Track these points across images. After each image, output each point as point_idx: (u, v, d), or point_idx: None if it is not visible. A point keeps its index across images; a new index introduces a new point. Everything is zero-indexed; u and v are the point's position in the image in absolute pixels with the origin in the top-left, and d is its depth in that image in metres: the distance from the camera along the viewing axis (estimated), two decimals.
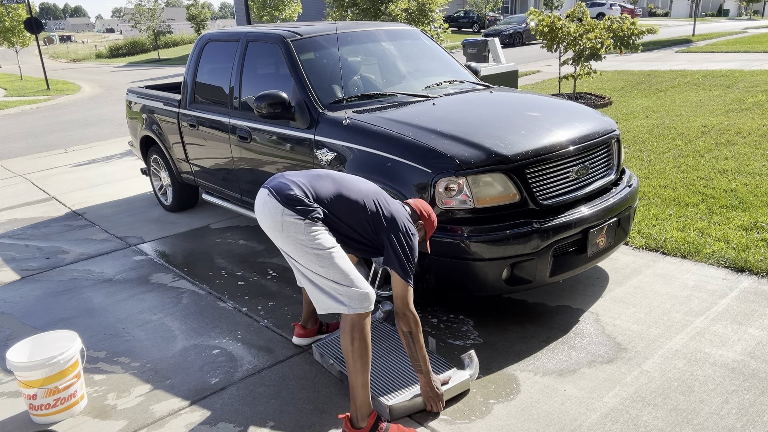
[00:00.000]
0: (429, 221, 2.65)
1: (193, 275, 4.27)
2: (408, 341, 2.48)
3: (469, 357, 2.79)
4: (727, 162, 5.93)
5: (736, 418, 2.47)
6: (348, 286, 2.35)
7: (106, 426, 2.69)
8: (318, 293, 2.40)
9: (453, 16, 38.06)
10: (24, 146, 9.95)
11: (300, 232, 2.34)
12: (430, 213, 2.66)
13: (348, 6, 13.63)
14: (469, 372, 2.75)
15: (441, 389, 2.61)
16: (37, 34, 20.00)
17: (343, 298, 2.36)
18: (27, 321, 3.74)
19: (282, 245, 2.41)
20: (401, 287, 2.43)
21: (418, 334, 2.48)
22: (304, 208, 2.35)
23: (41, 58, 21.12)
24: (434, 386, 2.58)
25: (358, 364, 2.38)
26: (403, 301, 2.44)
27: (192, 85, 4.90)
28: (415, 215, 2.62)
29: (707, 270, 3.81)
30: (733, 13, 55.95)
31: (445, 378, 2.68)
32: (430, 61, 4.58)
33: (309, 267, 2.37)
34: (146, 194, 6.50)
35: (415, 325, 2.47)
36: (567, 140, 3.24)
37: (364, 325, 2.38)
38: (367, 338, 2.39)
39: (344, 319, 2.40)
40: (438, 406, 2.60)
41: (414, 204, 2.65)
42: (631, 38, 9.57)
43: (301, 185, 2.42)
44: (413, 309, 2.46)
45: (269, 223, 2.39)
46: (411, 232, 2.47)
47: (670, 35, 24.63)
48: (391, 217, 2.46)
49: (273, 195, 2.39)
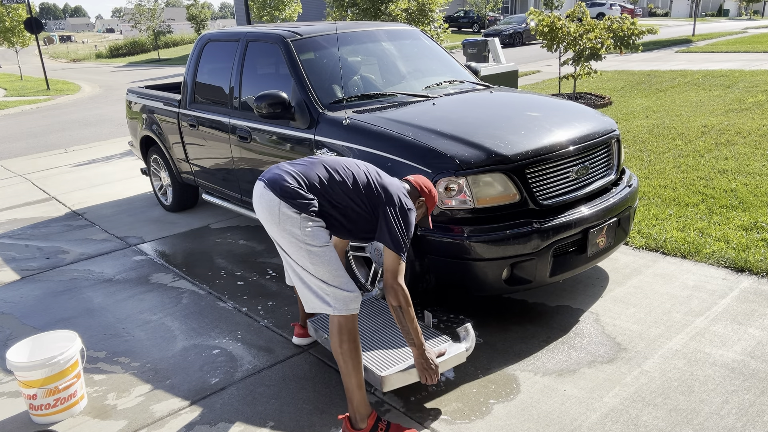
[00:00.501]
0: (430, 197, 2.62)
1: (193, 275, 4.27)
2: (398, 315, 2.42)
3: (465, 330, 2.77)
4: (727, 162, 5.93)
5: (736, 418, 2.47)
6: (335, 286, 2.35)
7: (106, 426, 2.69)
8: (306, 292, 2.40)
9: (453, 16, 38.06)
10: (24, 146, 9.95)
11: (296, 226, 2.34)
12: (431, 188, 2.62)
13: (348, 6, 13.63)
14: (465, 345, 2.72)
15: (436, 361, 2.56)
16: (37, 34, 20.00)
17: (329, 298, 2.35)
18: (27, 321, 3.74)
19: (277, 237, 2.41)
20: (391, 260, 2.38)
21: (407, 308, 2.41)
22: (301, 202, 2.34)
23: (41, 58, 21.12)
24: (428, 358, 2.53)
25: (350, 365, 2.38)
26: (393, 273, 2.37)
27: (192, 85, 4.90)
28: (416, 191, 2.60)
29: (707, 270, 3.81)
30: (733, 13, 55.95)
31: (441, 350, 2.65)
32: (430, 61, 4.58)
33: (300, 263, 2.37)
34: (146, 194, 6.50)
35: (404, 299, 2.40)
36: (567, 140, 3.24)
37: (352, 326, 2.38)
38: (356, 339, 2.39)
39: (331, 321, 2.40)
40: (432, 378, 2.54)
41: (414, 180, 2.62)
42: (631, 38, 9.57)
43: (294, 175, 2.40)
44: (402, 283, 2.40)
45: (266, 215, 2.40)
46: (407, 207, 2.43)
47: (670, 35, 24.63)
48: (386, 191, 2.42)
49: (269, 187, 2.39)
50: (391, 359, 2.67)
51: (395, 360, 2.66)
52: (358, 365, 2.40)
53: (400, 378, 2.56)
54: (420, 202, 2.61)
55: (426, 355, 2.53)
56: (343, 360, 2.39)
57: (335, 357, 2.41)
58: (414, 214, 2.47)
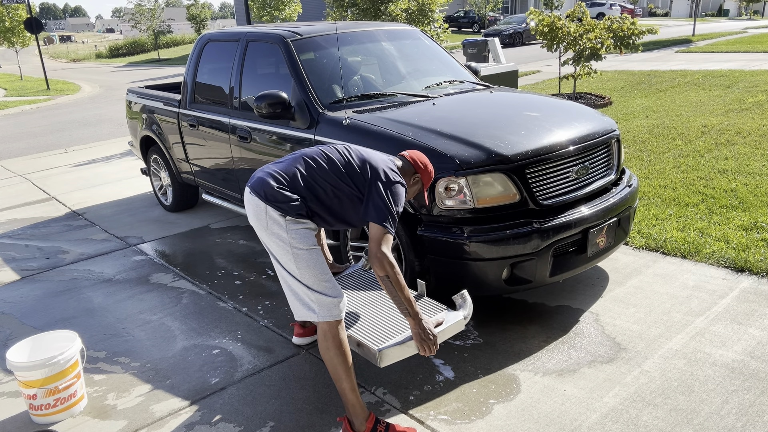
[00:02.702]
0: (426, 171, 2.56)
1: (193, 275, 4.27)
2: (387, 285, 2.30)
3: (461, 297, 2.69)
4: (727, 162, 5.93)
5: (736, 418, 2.47)
6: (319, 292, 2.34)
7: (106, 426, 2.69)
8: (293, 298, 2.41)
9: (453, 16, 38.06)
10: (24, 146, 9.95)
11: (282, 230, 2.34)
12: (426, 163, 2.57)
13: (348, 6, 13.61)
14: (463, 313, 2.63)
15: (434, 331, 2.42)
16: (37, 34, 20.00)
17: (313, 305, 2.35)
18: (27, 321, 3.74)
19: (266, 242, 2.42)
20: (377, 230, 2.29)
21: (396, 276, 2.29)
22: (286, 205, 2.33)
23: (41, 58, 21.11)
24: (426, 328, 2.40)
25: (340, 370, 2.38)
26: (377, 242, 2.27)
27: (192, 85, 4.90)
28: (410, 167, 2.54)
29: (707, 270, 3.81)
30: (733, 13, 55.94)
31: (438, 320, 2.56)
32: (430, 61, 4.58)
33: (287, 267, 2.37)
34: (146, 194, 6.50)
35: (391, 268, 2.27)
36: (567, 140, 3.24)
37: (337, 332, 2.37)
38: (344, 344, 2.39)
39: (318, 328, 2.40)
40: (431, 349, 2.42)
41: (409, 155, 2.57)
42: (631, 38, 9.57)
43: (276, 175, 2.39)
44: (388, 252, 2.28)
45: (255, 221, 2.41)
46: (393, 179, 2.36)
47: (670, 35, 24.63)
48: (369, 166, 2.37)
49: (254, 192, 2.39)
50: (386, 332, 2.54)
51: (391, 333, 2.53)
52: (348, 369, 2.39)
53: (397, 351, 2.44)
54: (416, 178, 2.55)
55: (423, 324, 2.39)
56: (332, 365, 2.39)
57: (325, 363, 2.41)
58: (404, 188, 2.40)
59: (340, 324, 2.39)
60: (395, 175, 2.39)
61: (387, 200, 2.31)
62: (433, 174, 2.60)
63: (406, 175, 2.53)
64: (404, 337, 2.48)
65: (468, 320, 2.67)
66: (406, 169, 2.54)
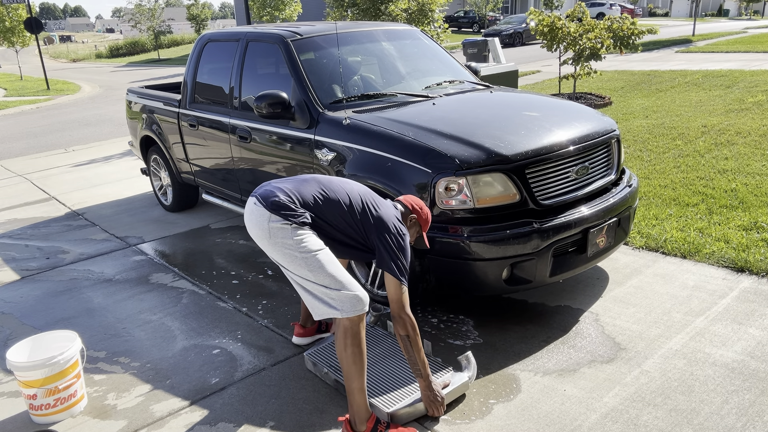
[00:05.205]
0: (421, 215, 2.62)
1: (193, 275, 4.27)
2: (406, 345, 2.44)
3: (466, 359, 2.77)
4: (727, 162, 5.93)
5: (736, 418, 2.47)
6: (338, 289, 2.33)
7: (106, 426, 2.69)
8: (311, 299, 2.38)
9: (453, 16, 38.07)
10: (24, 146, 9.95)
11: (287, 237, 2.32)
12: (422, 206, 2.63)
13: (348, 6, 13.61)
14: (468, 374, 2.73)
15: (441, 393, 2.57)
16: (37, 34, 20.00)
17: (335, 302, 2.33)
18: (27, 321, 3.74)
19: (271, 253, 2.40)
20: (395, 289, 2.40)
21: (416, 338, 2.44)
22: (290, 213, 2.34)
23: (41, 58, 21.12)
24: (435, 390, 2.54)
25: (353, 369, 2.37)
26: (399, 304, 2.40)
27: (192, 85, 4.90)
28: (407, 210, 2.61)
29: (707, 270, 3.81)
30: (733, 13, 55.95)
31: (445, 381, 2.65)
32: (430, 61, 4.58)
33: (299, 273, 2.36)
34: (146, 194, 6.50)
35: (413, 329, 2.43)
36: (567, 140, 3.24)
37: (358, 330, 2.36)
38: (362, 342, 2.38)
39: (337, 324, 2.38)
40: (439, 411, 2.56)
41: (404, 200, 2.64)
42: (631, 38, 9.57)
43: (287, 191, 2.41)
44: (410, 312, 2.43)
45: (257, 231, 2.38)
46: (402, 232, 2.44)
47: (670, 35, 24.63)
48: (380, 218, 2.44)
49: (260, 202, 2.39)
50: (396, 394, 2.63)
51: (400, 395, 2.62)
52: (361, 369, 2.38)
53: (407, 413, 2.54)
54: (412, 219, 2.61)
55: (432, 387, 2.53)
56: (346, 363, 2.37)
57: (339, 359, 2.40)
58: (408, 238, 2.48)
59: (363, 320, 2.38)
60: (402, 227, 2.48)
61: (397, 253, 2.40)
62: (430, 218, 2.67)
63: (403, 218, 2.58)
64: (413, 399, 2.58)
65: (472, 380, 2.76)
66: (403, 213, 2.60)
